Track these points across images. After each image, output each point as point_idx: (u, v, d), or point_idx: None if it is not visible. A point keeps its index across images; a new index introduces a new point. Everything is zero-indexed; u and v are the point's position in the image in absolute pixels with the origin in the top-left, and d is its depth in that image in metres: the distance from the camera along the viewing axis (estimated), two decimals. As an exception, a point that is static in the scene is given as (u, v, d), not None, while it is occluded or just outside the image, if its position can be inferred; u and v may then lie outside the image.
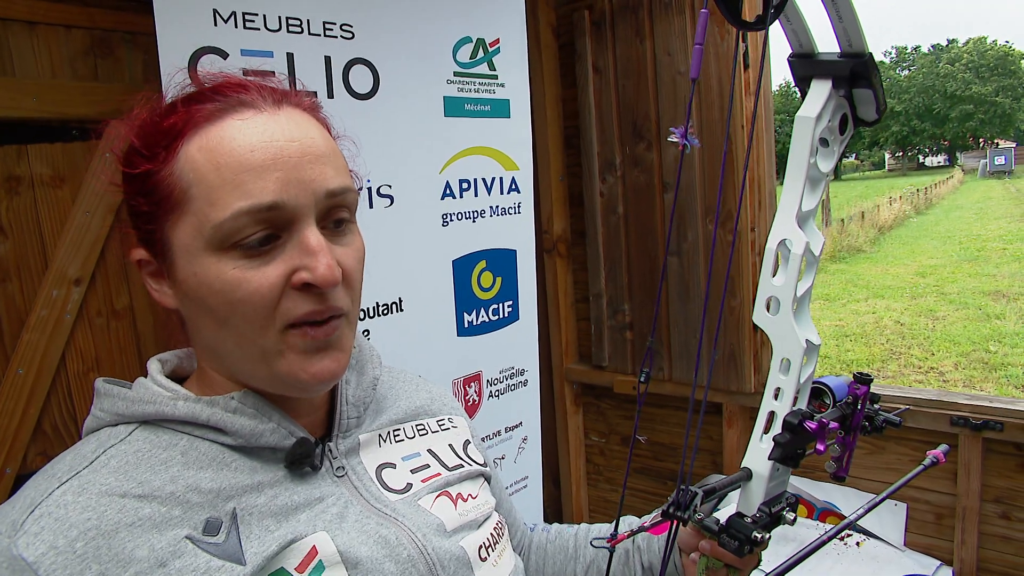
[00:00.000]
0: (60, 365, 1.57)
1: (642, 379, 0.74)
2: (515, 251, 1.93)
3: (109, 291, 1.64)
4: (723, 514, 0.77)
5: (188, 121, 0.60)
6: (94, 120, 1.58)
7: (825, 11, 0.72)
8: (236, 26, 1.29)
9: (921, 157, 71.01)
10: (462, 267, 1.79)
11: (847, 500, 1.95)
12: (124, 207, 0.66)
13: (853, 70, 0.73)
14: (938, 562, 1.83)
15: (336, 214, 0.64)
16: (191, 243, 0.60)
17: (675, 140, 0.70)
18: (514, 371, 1.98)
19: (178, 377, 0.71)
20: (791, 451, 0.73)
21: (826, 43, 0.77)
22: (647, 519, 0.84)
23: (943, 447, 0.90)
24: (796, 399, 0.75)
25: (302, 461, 0.66)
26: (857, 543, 1.88)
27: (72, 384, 1.59)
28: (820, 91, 0.75)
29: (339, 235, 0.64)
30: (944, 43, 64.65)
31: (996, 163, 41.17)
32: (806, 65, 0.76)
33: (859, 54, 0.74)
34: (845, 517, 1.92)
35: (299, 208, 0.60)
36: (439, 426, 0.83)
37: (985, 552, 1.80)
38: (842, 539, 1.88)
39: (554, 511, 2.63)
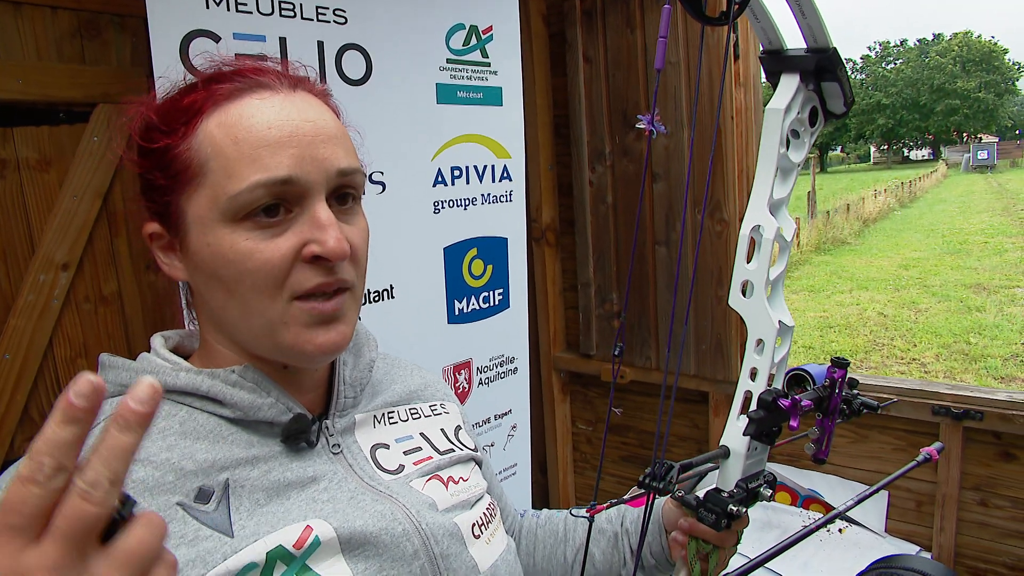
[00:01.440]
0: (47, 351, 1.56)
1: (615, 352, 0.77)
2: (506, 239, 1.94)
3: (97, 276, 1.62)
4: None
5: (208, 98, 0.63)
6: (81, 103, 1.56)
7: (790, 9, 0.76)
8: (228, 9, 1.28)
9: (906, 151, 71.65)
10: (453, 255, 1.79)
11: (831, 488, 1.99)
12: (139, 182, 0.68)
13: (818, 64, 0.77)
14: (917, 548, 1.87)
15: (344, 192, 0.66)
16: (206, 214, 0.62)
17: (642, 126, 0.72)
18: (504, 359, 1.99)
19: (181, 354, 0.72)
20: (766, 428, 0.76)
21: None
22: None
23: (937, 445, 0.92)
24: (771, 379, 0.77)
25: (298, 436, 0.67)
26: (839, 529, 1.91)
27: (59, 370, 1.58)
28: (789, 85, 0.78)
29: (346, 214, 0.67)
30: (930, 38, 65.14)
31: (979, 158, 41.61)
32: (775, 61, 0.80)
33: (823, 49, 0.77)
34: (828, 504, 1.96)
35: (311, 184, 0.62)
36: (431, 411, 0.85)
37: (963, 538, 1.84)
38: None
39: (541, 498, 2.65)
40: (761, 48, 0.81)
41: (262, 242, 0.61)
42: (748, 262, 0.78)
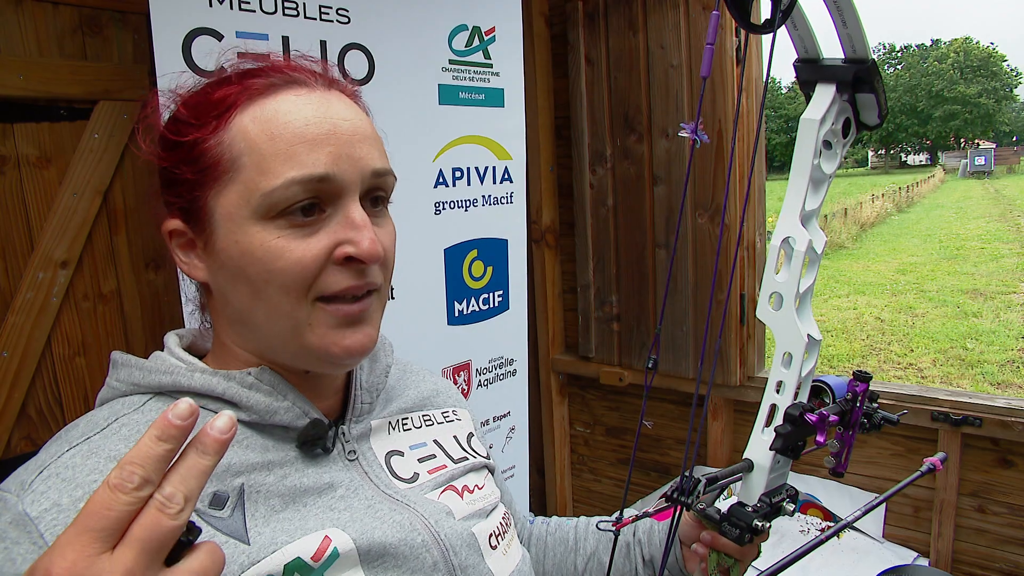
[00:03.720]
0: (45, 349, 1.55)
1: (649, 365, 0.76)
2: (506, 240, 1.93)
3: (96, 274, 1.62)
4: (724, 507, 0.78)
5: (242, 92, 0.61)
6: (82, 100, 1.56)
7: (830, 18, 0.75)
8: (231, 8, 1.28)
9: (903, 155, 71.85)
10: (454, 256, 1.79)
11: (828, 493, 1.99)
12: (159, 177, 0.66)
13: (856, 75, 0.76)
14: (915, 553, 1.87)
15: (376, 195, 0.65)
16: (236, 211, 0.60)
17: (686, 135, 0.71)
18: (503, 361, 1.99)
19: (194, 354, 0.70)
20: (792, 442, 0.75)
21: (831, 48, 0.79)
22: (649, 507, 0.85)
23: (940, 455, 0.92)
24: (797, 392, 0.77)
25: (314, 442, 0.66)
26: (837, 535, 1.91)
27: (57, 368, 1.57)
28: (824, 95, 0.77)
29: (376, 217, 0.65)
30: (928, 43, 65.33)
31: (976, 163, 41.70)
32: (811, 70, 0.79)
33: (862, 60, 0.76)
34: (826, 509, 1.96)
35: (347, 183, 0.61)
36: (444, 418, 0.84)
37: (960, 544, 1.84)
38: (822, 530, 1.92)
39: (538, 500, 2.64)
40: (796, 56, 0.79)
41: (294, 241, 0.59)
42: (777, 274, 0.77)
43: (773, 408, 0.77)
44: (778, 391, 0.77)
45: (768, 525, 0.75)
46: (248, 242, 0.60)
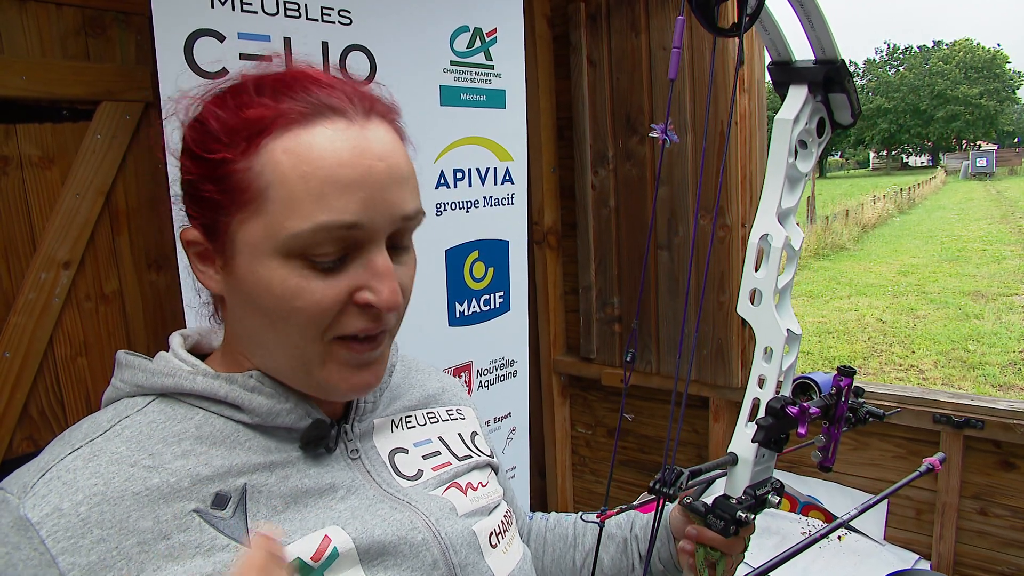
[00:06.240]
0: (47, 349, 1.55)
1: (628, 358, 0.77)
2: (507, 242, 1.94)
3: (98, 275, 1.62)
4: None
5: (277, 118, 0.58)
6: (85, 100, 1.56)
7: (798, 20, 0.77)
8: (233, 9, 1.28)
9: (905, 157, 71.84)
10: (455, 257, 1.79)
11: (830, 495, 1.99)
12: (182, 184, 0.63)
13: (827, 76, 0.78)
14: (916, 556, 1.87)
15: (404, 235, 0.64)
16: (259, 244, 0.58)
17: (656, 135, 0.73)
18: (504, 362, 1.99)
19: (199, 353, 0.70)
20: (774, 435, 0.76)
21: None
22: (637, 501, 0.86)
23: (939, 455, 0.93)
24: (779, 386, 0.78)
25: (317, 442, 0.66)
26: (838, 537, 1.91)
27: (60, 369, 1.58)
28: (797, 96, 0.79)
29: (400, 253, 0.64)
30: (930, 44, 65.36)
31: (978, 165, 41.66)
32: (783, 72, 0.81)
33: (832, 61, 0.78)
34: (827, 511, 1.96)
35: (376, 230, 0.59)
36: (448, 415, 0.84)
37: (962, 547, 1.84)
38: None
39: (539, 501, 2.64)
40: (769, 59, 0.81)
41: (314, 281, 0.58)
42: (756, 271, 0.78)
43: (756, 402, 0.78)
44: (760, 386, 0.79)
45: (752, 517, 0.76)
46: (268, 276, 0.58)
